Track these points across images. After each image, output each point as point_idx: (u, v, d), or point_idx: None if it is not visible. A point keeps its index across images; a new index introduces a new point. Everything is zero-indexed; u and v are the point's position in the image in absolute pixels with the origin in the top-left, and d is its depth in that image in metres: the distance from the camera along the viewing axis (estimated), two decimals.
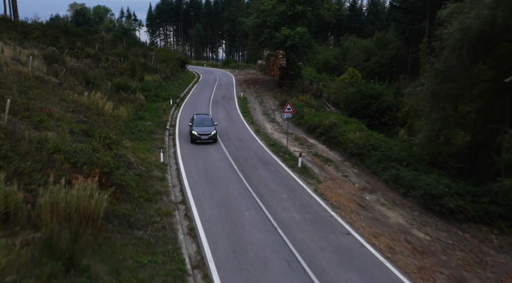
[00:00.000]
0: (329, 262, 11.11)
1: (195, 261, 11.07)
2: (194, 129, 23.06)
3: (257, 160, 20.64)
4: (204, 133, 22.83)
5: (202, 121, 24.05)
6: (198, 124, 23.63)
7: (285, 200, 15.43)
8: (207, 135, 22.86)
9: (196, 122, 23.81)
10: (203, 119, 24.39)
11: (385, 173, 18.05)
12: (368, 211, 14.84)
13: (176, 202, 15.02)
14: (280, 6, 40.25)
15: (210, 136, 22.94)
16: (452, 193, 14.26)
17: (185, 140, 23.70)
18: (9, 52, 26.03)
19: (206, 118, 24.80)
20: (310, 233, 12.79)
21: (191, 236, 12.48)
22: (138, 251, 10.66)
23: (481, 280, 10.63)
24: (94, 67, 37.39)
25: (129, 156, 17.35)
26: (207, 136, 22.86)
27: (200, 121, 24.02)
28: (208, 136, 22.88)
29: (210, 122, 24.33)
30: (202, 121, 24.08)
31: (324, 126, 25.12)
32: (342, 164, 20.79)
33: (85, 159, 13.20)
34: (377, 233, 12.93)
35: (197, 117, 24.70)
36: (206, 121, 24.27)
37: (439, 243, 12.65)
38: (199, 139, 22.79)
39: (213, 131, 23.25)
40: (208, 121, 24.38)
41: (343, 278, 10.40)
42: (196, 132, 22.88)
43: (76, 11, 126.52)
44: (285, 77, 45.70)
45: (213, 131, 23.25)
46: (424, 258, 11.58)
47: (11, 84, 17.89)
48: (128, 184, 13.80)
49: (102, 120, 19.76)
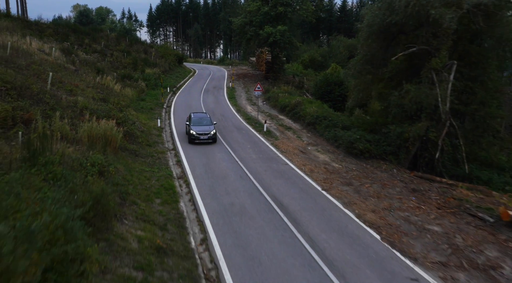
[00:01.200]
0: (267, 176, 16.97)
1: (179, 175, 16.93)
2: (192, 129, 21.61)
3: (233, 127, 26.51)
4: (203, 133, 21.43)
5: (200, 120, 22.60)
6: (196, 123, 22.17)
7: (248, 148, 21.29)
8: (206, 135, 21.45)
9: (193, 121, 22.32)
10: (201, 118, 22.88)
11: (328, 133, 23.89)
12: (306, 154, 20.72)
13: (169, 149, 20.88)
14: (264, 7, 46.13)
15: (209, 136, 21.54)
16: (364, 140, 20.16)
17: (178, 115, 29.50)
18: (35, 45, 31.89)
19: (204, 117, 23.19)
20: (260, 164, 18.65)
21: (178, 165, 18.32)
22: (142, 165, 16.55)
23: (360, 182, 16.51)
24: (101, 60, 43.20)
25: (134, 119, 23.22)
26: (206, 136, 21.45)
27: (198, 120, 22.57)
28: (208, 136, 21.49)
29: (208, 121, 22.79)
30: (200, 120, 22.61)
31: (291, 105, 31.01)
32: (299, 130, 26.69)
33: (105, 113, 19.09)
34: (305, 164, 18.80)
35: (195, 115, 23.25)
36: (204, 120, 22.75)
37: (346, 169, 18.55)
38: (197, 139, 21.43)
39: (213, 131, 21.82)
40: (206, 120, 22.83)
41: (274, 182, 16.26)
42: (194, 132, 21.46)
43: (79, 12, 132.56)
44: (270, 70, 51.60)
45: (212, 130, 21.82)
46: (331, 175, 17.47)
47: (45, 66, 23.77)
48: (134, 132, 19.69)
49: (113, 94, 25.64)
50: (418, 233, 12.24)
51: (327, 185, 16.08)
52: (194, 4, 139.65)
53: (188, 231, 11.69)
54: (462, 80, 20.12)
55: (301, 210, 13.54)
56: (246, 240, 11.24)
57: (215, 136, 22.04)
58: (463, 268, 10.36)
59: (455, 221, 13.21)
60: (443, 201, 14.80)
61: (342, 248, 11.06)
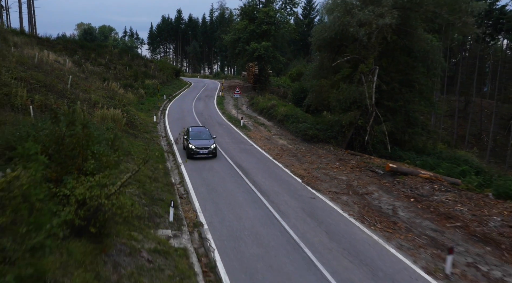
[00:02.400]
0: (235, 152, 22.51)
1: (168, 150, 22.46)
2: (191, 143, 20.59)
3: (216, 123, 32.17)
4: (202, 147, 20.39)
5: (198, 134, 21.73)
6: (194, 137, 21.25)
7: (225, 136, 26.86)
8: (206, 149, 20.37)
9: (192, 135, 21.45)
10: (200, 132, 22.04)
11: (291, 127, 29.52)
12: (269, 140, 26.33)
13: (161, 135, 26.46)
14: (250, 26, 52.39)
15: (209, 151, 20.46)
16: (314, 129, 25.81)
17: (171, 115, 35.13)
18: (52, 57, 37.80)
19: (203, 131, 22.34)
20: (231, 145, 24.20)
21: (168, 146, 23.84)
22: (140, 142, 22.11)
23: (303, 155, 22.06)
24: (106, 72, 49.16)
25: (135, 114, 28.88)
26: (206, 150, 20.37)
27: (196, 134, 21.70)
28: (208, 150, 20.40)
29: (208, 134, 21.94)
30: (199, 134, 21.75)
31: (267, 108, 36.76)
32: (270, 126, 32.35)
33: (112, 105, 24.74)
34: (266, 145, 24.38)
35: (193, 129, 22.50)
36: (203, 133, 21.88)
37: (296, 148, 24.14)
38: (197, 154, 20.32)
39: (213, 145, 20.78)
40: (205, 133, 21.98)
41: (238, 155, 21.79)
42: (193, 146, 20.37)
43: (84, 30, 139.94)
44: (257, 82, 57.58)
45: (212, 144, 20.77)
46: (283, 151, 23.05)
47: (64, 72, 29.58)
48: (135, 121, 25.32)
49: (118, 95, 31.40)
50: (329, 180, 17.76)
51: (277, 157, 21.65)
52: (193, 22, 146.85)
53: (171, 176, 17.22)
54: (392, 83, 25.86)
55: (253, 168, 19.08)
56: (210, 182, 16.76)
57: (215, 151, 20.94)
58: (348, 194, 15.86)
59: (359, 174, 18.74)
60: (357, 164, 20.35)
61: (273, 185, 16.57)
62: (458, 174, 19.49)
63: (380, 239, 11.80)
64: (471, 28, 22.86)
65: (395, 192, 16.25)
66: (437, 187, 16.40)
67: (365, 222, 13.06)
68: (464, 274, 9.99)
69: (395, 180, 17.69)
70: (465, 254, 11.06)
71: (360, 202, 15.06)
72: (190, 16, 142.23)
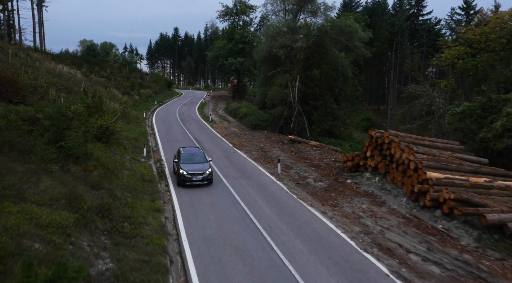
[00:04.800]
0: (197, 133, 32.52)
1: (151, 132, 32.44)
2: (182, 168, 17.33)
3: (192, 120, 42.26)
4: (196, 173, 17.14)
5: (191, 156, 18.52)
6: (186, 160, 18.12)
7: (194, 126, 36.88)
8: (200, 176, 17.13)
9: (183, 158, 18.29)
10: (193, 154, 18.80)
11: (245, 120, 39.54)
12: (226, 129, 36.37)
13: (148, 124, 36.45)
14: (228, 44, 62.96)
15: (204, 177, 17.20)
16: (257, 120, 35.89)
17: (158, 115, 45.11)
18: (66, 69, 48.06)
19: (196, 153, 19.13)
20: (197, 130, 34.18)
21: (153, 138, 33.79)
22: (132, 127, 32.12)
23: (244, 136, 32.07)
24: (107, 82, 59.46)
25: (129, 109, 38.91)
26: (200, 176, 17.12)
27: (188, 156, 18.50)
28: (202, 176, 17.16)
29: (202, 157, 18.71)
30: (191, 156, 18.53)
31: (234, 109, 46.97)
32: (233, 121, 42.44)
33: (112, 100, 34.86)
34: (222, 131, 34.42)
35: (185, 151, 19.20)
36: (196, 156, 18.68)
37: (242, 133, 34.15)
38: (189, 181, 17.04)
39: (208, 170, 17.47)
40: (199, 156, 18.74)
41: (199, 134, 31.81)
42: (185, 172, 17.13)
43: (87, 46, 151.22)
44: (236, 91, 67.94)
45: (207, 169, 17.49)
46: (231, 134, 33.09)
47: (76, 80, 39.76)
48: (128, 112, 35.38)
49: (117, 97, 41.57)
50: (250, 146, 27.74)
51: (225, 136, 31.69)
52: (188, 39, 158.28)
53: (149, 139, 27.22)
54: (314, 88, 36.00)
55: (205, 140, 29.08)
56: (173, 145, 26.69)
57: (211, 177, 17.59)
58: (257, 151, 25.83)
59: (272, 144, 28.76)
60: (275, 140, 30.35)
61: (212, 146, 26.52)
62: (344, 146, 29.52)
63: (256, 164, 21.77)
64: (361, 50, 33.12)
65: (287, 150, 26.26)
66: (315, 149, 26.39)
67: (257, 161, 23.01)
68: (289, 174, 19.92)
69: (292, 145, 27.69)
70: (298, 170, 20.99)
71: (262, 154, 25.04)
72: (186, 34, 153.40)
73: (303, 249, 11.23)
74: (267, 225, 12.93)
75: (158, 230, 11.85)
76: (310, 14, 35.56)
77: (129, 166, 17.68)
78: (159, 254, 10.16)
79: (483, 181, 14.35)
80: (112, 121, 18.81)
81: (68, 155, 13.59)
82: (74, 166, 13.46)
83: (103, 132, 17.81)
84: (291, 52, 33.08)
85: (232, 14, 65.24)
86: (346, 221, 13.76)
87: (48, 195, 10.33)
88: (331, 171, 20.82)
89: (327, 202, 15.78)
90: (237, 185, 17.73)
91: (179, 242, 11.63)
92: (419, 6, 68.14)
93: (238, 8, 64.72)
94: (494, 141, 17.60)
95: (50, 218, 9.02)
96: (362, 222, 13.74)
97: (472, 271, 10.38)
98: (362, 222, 13.73)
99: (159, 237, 11.28)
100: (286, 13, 35.65)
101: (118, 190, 13.94)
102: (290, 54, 32.83)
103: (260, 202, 15.43)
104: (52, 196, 10.41)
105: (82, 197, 11.16)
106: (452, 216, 13.18)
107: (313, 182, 18.86)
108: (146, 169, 18.73)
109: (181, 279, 9.49)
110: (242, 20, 65.99)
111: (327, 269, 10.14)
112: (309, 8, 34.71)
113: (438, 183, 13.92)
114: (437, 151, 16.32)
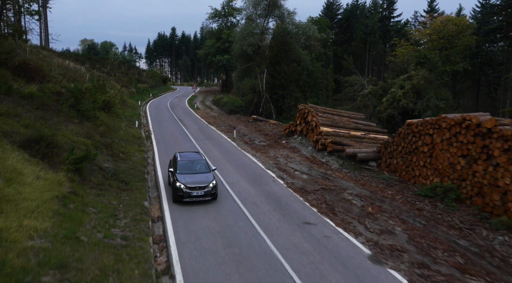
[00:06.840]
0: (182, 117, 39.64)
1: (143, 114, 39.56)
2: (179, 180, 13.84)
3: (180, 108, 49.38)
4: (196, 186, 13.69)
5: (190, 164, 15.01)
6: (184, 169, 14.63)
7: (181, 112, 43.98)
8: (202, 190, 13.69)
9: (181, 167, 14.75)
10: (193, 162, 15.26)
11: (224, 107, 46.64)
12: (207, 114, 43.50)
13: (143, 110, 43.56)
14: (217, 43, 70.07)
15: (207, 191, 13.76)
16: (233, 106, 43.04)
17: (152, 104, 52.15)
18: (72, 65, 55.16)
19: (197, 160, 15.54)
20: (183, 115, 41.29)
21: (145, 118, 40.90)
22: (128, 112, 39.26)
23: (220, 118, 39.21)
24: (108, 77, 66.56)
25: (126, 97, 46.00)
26: (202, 190, 13.69)
27: (187, 164, 14.96)
28: (205, 190, 13.72)
29: (204, 165, 15.23)
30: (191, 164, 15.04)
31: (218, 99, 54.12)
32: (216, 109, 49.57)
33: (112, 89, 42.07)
34: (203, 115, 41.56)
35: (182, 157, 15.53)
36: (197, 163, 15.21)
37: (219, 116, 41.28)
38: (188, 196, 13.59)
39: (212, 182, 14.00)
40: (200, 163, 15.26)
41: (183, 117, 38.95)
42: (182, 185, 13.68)
43: (88, 45, 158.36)
44: (224, 86, 75.09)
45: (211, 181, 14.02)
46: (210, 116, 40.20)
47: (82, 73, 46.90)
48: (125, 100, 42.48)
49: (115, 88, 48.76)
50: (222, 123, 34.86)
51: (204, 117, 38.80)
52: (185, 39, 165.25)
53: (141, 118, 34.32)
54: (280, 80, 43.11)
55: (186, 120, 36.19)
56: (161, 123, 33.77)
57: (216, 191, 14.19)
58: (225, 126, 32.93)
59: (239, 122, 35.83)
60: (243, 120, 37.45)
61: (191, 124, 33.64)
62: None
63: (221, 133, 28.91)
64: (318, 48, 40.25)
65: (249, 126, 33.43)
66: (272, 125, 33.50)
67: (222, 131, 30.09)
68: (242, 139, 27.04)
69: (255, 123, 34.87)
70: (251, 136, 28.10)
71: (228, 128, 32.18)
72: (183, 33, 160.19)
73: (230, 169, 18.41)
74: (212, 158, 20.09)
75: (141, 159, 19.03)
76: (277, 18, 42.70)
77: (124, 129, 24.85)
78: (141, 165, 17.36)
79: (360, 134, 21.50)
80: (113, 96, 25.91)
81: (83, 115, 20.74)
82: (87, 122, 20.62)
83: (106, 104, 24.94)
84: (260, 50, 40.21)
85: (220, 16, 72.37)
86: (266, 159, 20.92)
87: (74, 131, 17.52)
88: (275, 136, 27.98)
89: (260, 151, 22.94)
90: (202, 143, 24.88)
91: (154, 159, 18.84)
92: (390, 9, 75.25)
93: (226, 11, 71.84)
94: (382, 112, 24.73)
95: (78, 139, 16.20)
96: (277, 160, 20.88)
97: (326, 177, 17.55)
98: (277, 160, 20.88)
99: (141, 161, 18.46)
100: (258, 17, 42.81)
101: (116, 139, 21.09)
102: (259, 51, 39.98)
103: (214, 150, 22.59)
104: (77, 132, 17.59)
105: (94, 136, 18.34)
106: (332, 153, 20.36)
107: (257, 142, 26.03)
108: (137, 132, 25.91)
109: (152, 168, 16.69)
110: (230, 22, 73.11)
111: (240, 175, 17.31)
112: (276, 13, 41.87)
113: (328, 134, 21.06)
114: (338, 117, 23.46)
